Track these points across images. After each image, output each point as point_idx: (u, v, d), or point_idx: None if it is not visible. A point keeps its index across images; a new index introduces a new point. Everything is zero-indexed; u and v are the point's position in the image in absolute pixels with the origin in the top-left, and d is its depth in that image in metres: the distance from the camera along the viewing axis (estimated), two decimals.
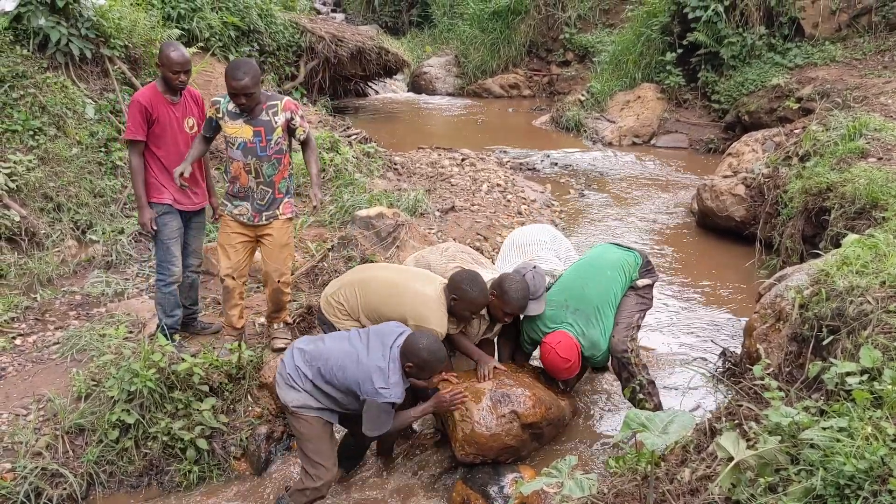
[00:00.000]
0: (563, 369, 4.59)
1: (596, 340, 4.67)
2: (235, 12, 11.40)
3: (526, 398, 4.42)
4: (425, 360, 3.89)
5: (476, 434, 4.27)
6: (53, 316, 5.87)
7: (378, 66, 14.59)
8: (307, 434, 4.01)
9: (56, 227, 6.69)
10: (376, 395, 3.82)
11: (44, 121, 7.16)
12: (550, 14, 17.09)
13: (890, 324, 3.56)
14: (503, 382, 4.50)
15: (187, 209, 5.08)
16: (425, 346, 3.91)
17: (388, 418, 3.93)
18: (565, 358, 4.53)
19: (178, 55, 4.75)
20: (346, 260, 6.47)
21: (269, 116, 4.64)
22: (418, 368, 3.91)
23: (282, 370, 4.06)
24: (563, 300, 4.76)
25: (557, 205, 9.48)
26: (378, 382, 3.83)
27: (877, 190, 5.68)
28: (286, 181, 4.88)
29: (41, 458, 4.36)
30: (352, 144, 9.72)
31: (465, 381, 4.53)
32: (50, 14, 7.63)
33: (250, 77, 4.44)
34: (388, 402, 3.85)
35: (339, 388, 3.92)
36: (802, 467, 2.97)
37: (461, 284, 4.34)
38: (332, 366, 3.91)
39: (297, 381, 3.97)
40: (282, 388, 4.03)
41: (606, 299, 4.81)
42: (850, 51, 11.44)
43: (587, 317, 4.70)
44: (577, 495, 2.93)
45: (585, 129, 13.32)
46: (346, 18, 21.97)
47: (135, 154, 4.90)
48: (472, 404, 4.34)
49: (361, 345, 3.99)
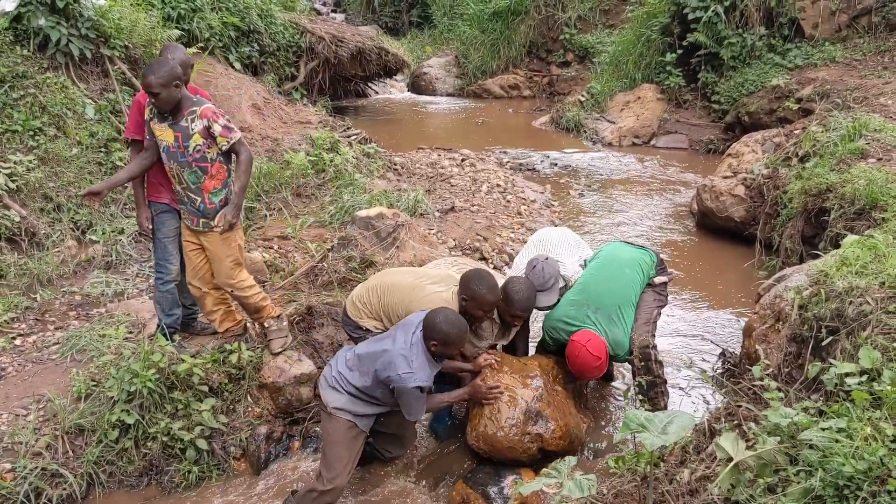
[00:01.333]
0: (594, 367, 4.51)
1: (619, 340, 4.65)
2: (235, 13, 11.41)
3: (557, 427, 4.38)
4: (446, 332, 3.93)
5: (495, 438, 4.30)
6: (53, 316, 5.87)
7: (378, 67, 14.60)
8: (335, 437, 4.05)
9: (56, 227, 6.70)
10: (401, 381, 3.86)
11: (44, 121, 7.17)
12: (550, 14, 17.10)
13: (889, 324, 3.57)
14: (543, 398, 4.45)
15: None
16: (442, 319, 3.96)
17: (421, 403, 3.99)
18: (596, 356, 4.47)
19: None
20: (345, 260, 6.46)
21: (187, 122, 4.54)
22: (443, 344, 3.96)
23: (327, 372, 4.16)
24: (585, 299, 4.75)
25: (557, 205, 9.48)
26: (402, 368, 3.87)
27: (876, 191, 5.68)
28: (220, 192, 4.72)
29: (41, 459, 4.36)
30: (352, 145, 9.73)
31: (508, 371, 4.53)
32: (50, 14, 7.64)
33: (157, 76, 4.34)
34: (415, 386, 3.88)
35: (381, 386, 3.99)
36: (801, 468, 2.97)
37: (470, 283, 4.34)
38: (379, 366, 3.97)
39: (340, 384, 4.06)
40: (324, 388, 4.12)
41: (627, 298, 4.81)
42: (850, 51, 11.44)
43: (609, 316, 4.68)
44: (577, 496, 2.93)
45: (585, 129, 13.33)
46: (346, 19, 21.98)
47: (133, 153, 4.91)
48: (505, 408, 4.35)
49: (389, 340, 4.06)
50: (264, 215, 7.63)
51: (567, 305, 4.78)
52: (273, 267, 6.52)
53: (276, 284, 6.22)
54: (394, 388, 3.90)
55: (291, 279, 6.26)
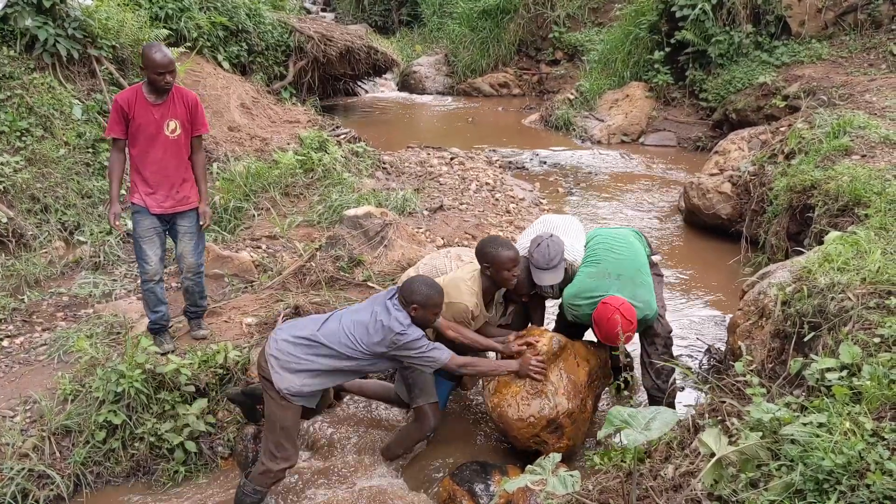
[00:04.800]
0: (627, 332, 4.40)
1: (646, 299, 4.62)
2: (224, 12, 11.39)
3: (566, 443, 4.40)
4: (426, 294, 3.97)
5: (509, 422, 4.40)
6: (41, 317, 5.87)
7: (367, 66, 14.59)
8: (286, 421, 4.01)
9: (43, 228, 6.69)
10: (403, 337, 3.89)
11: (31, 122, 7.16)
12: (540, 13, 17.12)
13: (869, 320, 3.60)
14: (572, 415, 4.42)
15: (156, 212, 5.00)
16: (420, 282, 4.03)
17: (432, 348, 4.00)
18: (629, 320, 4.39)
19: (161, 56, 4.72)
20: (334, 259, 6.48)
21: None
22: (423, 307, 3.97)
23: (277, 354, 3.95)
24: (603, 270, 4.68)
25: (546, 203, 9.51)
26: (397, 328, 3.90)
27: (860, 187, 5.72)
28: None
29: (28, 460, 4.36)
30: (340, 144, 9.74)
31: (562, 367, 4.53)
32: (37, 14, 7.63)
33: None
34: (415, 338, 3.92)
35: (365, 357, 3.97)
36: (783, 462, 3.00)
37: (484, 249, 4.36)
38: (357, 340, 3.94)
39: (300, 364, 3.94)
40: (278, 371, 3.92)
41: (643, 262, 4.83)
42: (836, 49, 11.48)
43: (632, 280, 4.65)
44: (561, 492, 2.95)
45: (575, 127, 13.35)
46: (335, 18, 21.98)
47: (113, 151, 4.96)
48: (536, 404, 4.37)
49: (365, 314, 4.03)
50: (252, 215, 7.63)
51: (585, 278, 4.70)
52: (261, 266, 6.53)
53: (265, 284, 6.23)
54: (400, 347, 3.91)
55: (279, 279, 6.27)
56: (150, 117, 4.85)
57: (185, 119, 4.98)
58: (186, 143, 5.03)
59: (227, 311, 5.80)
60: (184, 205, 5.09)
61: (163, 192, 4.97)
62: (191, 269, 5.22)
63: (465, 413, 5.28)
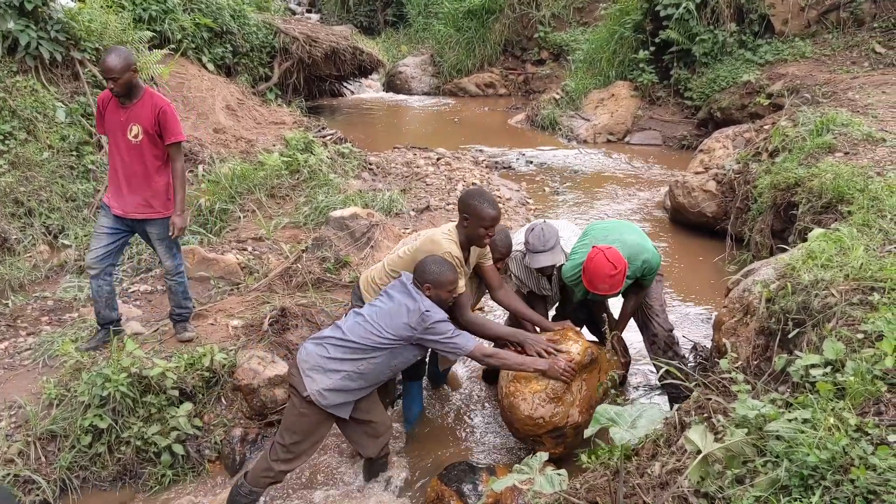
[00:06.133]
0: (608, 276, 4.32)
1: (637, 242, 4.62)
2: (208, 13, 11.35)
3: (561, 449, 4.42)
4: (437, 272, 4.02)
5: (518, 418, 4.35)
6: (25, 322, 5.82)
7: (353, 67, 14.60)
8: (303, 426, 3.98)
9: (27, 231, 6.64)
10: (430, 315, 3.91)
11: (14, 125, 7.10)
12: (525, 13, 17.16)
13: (853, 316, 3.62)
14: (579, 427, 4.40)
15: (117, 213, 4.99)
16: (430, 261, 4.07)
17: (458, 335, 4.00)
18: (612, 263, 4.30)
19: (108, 62, 4.60)
20: (320, 261, 6.46)
21: None
22: (437, 286, 4.01)
23: (305, 358, 3.98)
24: (593, 238, 4.68)
25: (532, 202, 9.52)
26: (425, 306, 3.93)
27: (843, 184, 5.75)
28: None
29: (13, 465, 4.32)
30: (326, 145, 9.72)
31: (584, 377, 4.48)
32: (19, 17, 7.56)
33: None
34: (441, 320, 3.94)
35: (390, 345, 3.93)
36: (768, 459, 3.02)
37: (468, 200, 4.22)
38: (382, 327, 3.94)
39: (327, 363, 3.93)
40: (308, 375, 3.93)
41: (631, 225, 4.91)
42: (819, 47, 11.58)
43: (619, 231, 4.69)
44: (548, 490, 2.96)
45: (561, 127, 13.40)
46: (320, 19, 21.92)
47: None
48: (549, 408, 4.31)
49: (385, 302, 4.06)
50: (238, 217, 7.60)
51: (579, 251, 4.68)
52: (247, 269, 6.50)
53: (251, 286, 6.21)
54: (428, 328, 3.91)
55: (266, 280, 6.25)
56: (117, 119, 4.83)
57: (151, 125, 4.82)
58: (154, 150, 4.89)
59: (213, 313, 5.77)
60: (149, 212, 4.99)
61: (125, 196, 4.93)
62: (169, 272, 5.24)
63: (451, 414, 5.29)
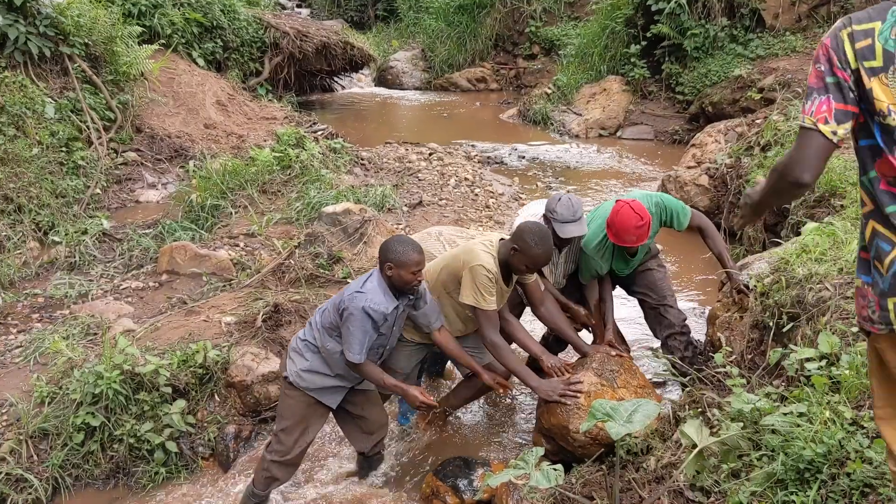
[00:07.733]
0: (634, 227, 4.20)
1: (661, 196, 4.58)
2: (198, 8, 11.29)
3: None
4: (400, 251, 3.73)
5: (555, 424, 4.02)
6: (16, 319, 5.77)
7: (344, 61, 14.55)
8: (288, 410, 3.97)
9: (17, 228, 6.59)
10: (350, 300, 3.72)
11: (2, 121, 7.04)
12: (516, 7, 17.14)
13: (847, 310, 3.64)
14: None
15: None
16: (395, 239, 3.86)
17: (363, 334, 3.72)
18: (638, 215, 4.19)
19: None
20: (313, 257, 6.44)
21: None
22: (399, 265, 3.72)
23: (292, 344, 4.07)
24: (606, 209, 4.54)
25: (525, 198, 9.51)
26: (352, 288, 3.79)
27: (835, 178, 5.78)
28: None
29: (5, 464, 4.29)
30: (318, 140, 9.68)
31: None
32: (7, 12, 7.50)
33: None
34: (363, 306, 3.68)
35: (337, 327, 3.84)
36: (764, 452, 3.03)
37: (526, 237, 3.93)
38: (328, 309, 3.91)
39: (302, 348, 3.96)
40: (290, 357, 4.00)
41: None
42: (810, 41, 11.59)
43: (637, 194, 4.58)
44: (544, 486, 2.95)
45: (552, 121, 13.40)
46: (311, 13, 21.84)
47: None
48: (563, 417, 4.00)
49: None
50: (230, 213, 7.56)
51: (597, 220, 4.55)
52: (239, 265, 6.47)
53: (243, 282, 6.18)
54: (346, 309, 3.72)
55: (258, 277, 6.22)
56: None
57: None
58: None
59: (206, 310, 5.74)
60: None
61: None
62: None
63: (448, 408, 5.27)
